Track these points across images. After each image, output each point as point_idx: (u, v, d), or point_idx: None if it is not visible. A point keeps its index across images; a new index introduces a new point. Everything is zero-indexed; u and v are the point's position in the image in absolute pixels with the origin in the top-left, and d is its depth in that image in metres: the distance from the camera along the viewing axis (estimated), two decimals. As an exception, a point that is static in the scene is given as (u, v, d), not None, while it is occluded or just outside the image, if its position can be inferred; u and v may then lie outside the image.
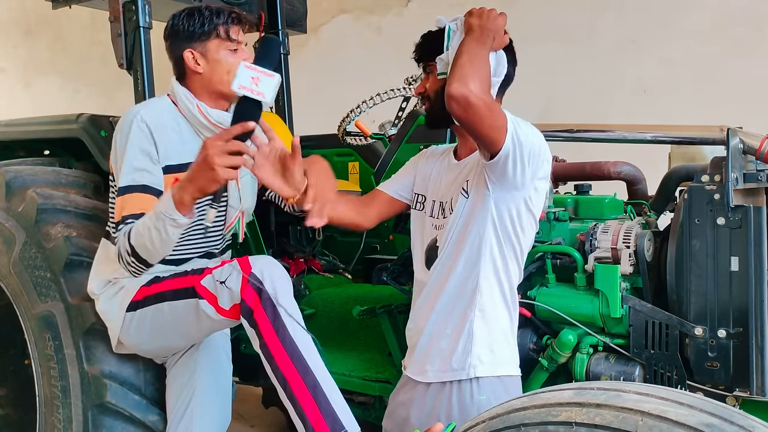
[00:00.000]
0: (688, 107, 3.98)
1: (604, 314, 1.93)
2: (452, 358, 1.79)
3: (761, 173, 1.81)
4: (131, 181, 1.88)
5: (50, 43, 7.99)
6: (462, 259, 1.79)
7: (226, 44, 1.99)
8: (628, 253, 1.92)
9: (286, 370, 1.76)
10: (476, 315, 1.78)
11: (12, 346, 2.69)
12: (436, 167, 1.97)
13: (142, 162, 1.90)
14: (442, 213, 1.89)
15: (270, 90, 1.62)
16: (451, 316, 1.81)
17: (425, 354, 1.84)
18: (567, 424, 1.16)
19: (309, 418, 1.74)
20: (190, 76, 2.01)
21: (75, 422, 2.16)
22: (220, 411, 2.12)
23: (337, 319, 2.49)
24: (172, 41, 2.02)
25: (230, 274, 1.81)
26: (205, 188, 1.65)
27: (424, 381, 1.83)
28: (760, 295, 1.78)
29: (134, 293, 1.99)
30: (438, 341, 1.82)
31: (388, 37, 5.57)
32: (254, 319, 1.78)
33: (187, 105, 1.99)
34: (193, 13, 1.99)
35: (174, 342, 2.06)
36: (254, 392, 3.59)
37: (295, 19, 3.34)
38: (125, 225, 1.83)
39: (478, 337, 1.78)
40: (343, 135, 2.70)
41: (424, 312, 1.85)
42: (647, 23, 4.43)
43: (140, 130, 1.90)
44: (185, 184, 1.67)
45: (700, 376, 1.85)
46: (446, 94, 1.61)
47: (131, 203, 1.86)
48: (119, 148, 1.93)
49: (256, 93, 1.62)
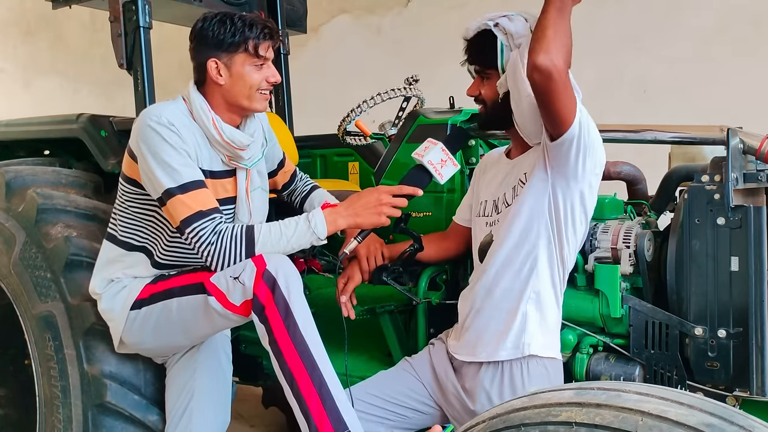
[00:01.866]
0: (688, 107, 3.98)
1: (604, 314, 1.94)
2: (507, 338, 1.85)
3: (761, 173, 1.81)
4: (189, 177, 1.85)
5: (50, 43, 7.99)
6: (520, 242, 1.85)
7: (252, 60, 1.93)
8: (628, 253, 1.92)
9: (294, 366, 1.77)
10: (532, 297, 1.85)
11: (12, 346, 2.69)
12: (493, 171, 2.04)
13: (184, 159, 1.87)
14: (495, 209, 1.96)
15: (448, 174, 1.92)
16: (507, 299, 1.87)
17: (477, 336, 1.90)
18: (567, 424, 1.16)
19: (313, 416, 1.75)
20: (210, 85, 1.96)
21: (75, 422, 2.16)
22: (219, 411, 2.12)
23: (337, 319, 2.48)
24: (198, 45, 1.95)
25: (244, 270, 1.81)
26: (362, 224, 1.90)
27: (476, 361, 1.89)
28: (760, 295, 1.78)
29: (138, 292, 1.99)
30: (494, 323, 1.88)
31: (388, 37, 5.57)
32: (266, 315, 1.79)
33: (202, 116, 1.94)
34: (225, 21, 1.92)
35: (177, 341, 2.05)
36: (254, 392, 3.59)
37: (295, 19, 3.34)
38: (211, 221, 1.83)
39: (532, 319, 1.84)
40: (343, 135, 2.70)
41: (481, 297, 1.91)
42: (647, 22, 4.42)
43: (170, 131, 1.86)
44: (344, 212, 1.89)
45: (700, 376, 1.85)
46: (530, 64, 1.66)
47: (200, 199, 1.85)
48: (150, 151, 1.86)
49: (437, 173, 1.91)
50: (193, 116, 1.95)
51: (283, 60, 3.29)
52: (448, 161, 1.90)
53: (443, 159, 1.90)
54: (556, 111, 1.70)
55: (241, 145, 1.98)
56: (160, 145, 1.85)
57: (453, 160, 1.91)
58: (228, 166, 2.01)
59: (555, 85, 1.65)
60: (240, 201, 2.03)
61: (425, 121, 2.30)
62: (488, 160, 2.12)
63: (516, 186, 1.90)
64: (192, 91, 1.97)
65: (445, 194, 2.24)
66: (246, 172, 2.04)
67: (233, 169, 2.03)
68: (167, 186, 1.84)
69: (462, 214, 2.14)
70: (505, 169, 1.98)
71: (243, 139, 1.98)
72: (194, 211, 1.83)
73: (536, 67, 1.64)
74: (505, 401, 1.35)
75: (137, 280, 2.02)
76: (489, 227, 1.97)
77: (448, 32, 5.40)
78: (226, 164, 2.01)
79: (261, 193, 2.13)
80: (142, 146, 1.88)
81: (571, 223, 1.84)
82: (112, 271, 2.04)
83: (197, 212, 1.84)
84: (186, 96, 1.98)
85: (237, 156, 2.00)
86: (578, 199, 1.83)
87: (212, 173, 1.97)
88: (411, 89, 2.54)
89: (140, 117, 1.92)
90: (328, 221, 1.87)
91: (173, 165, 1.85)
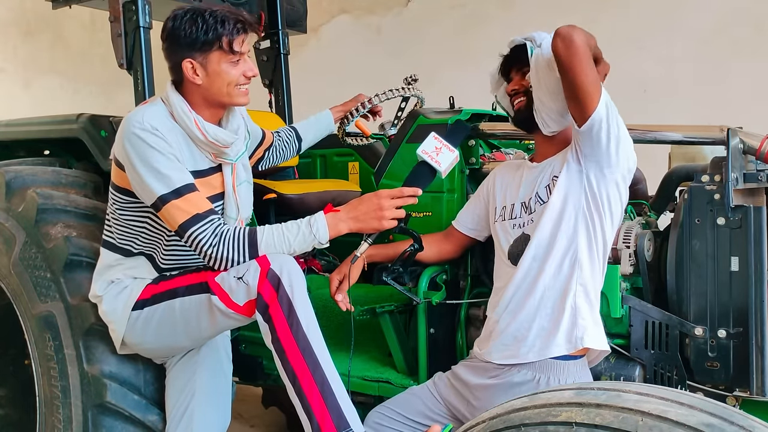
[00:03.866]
0: (688, 107, 3.98)
1: (604, 314, 1.93)
2: (557, 334, 1.83)
3: (761, 173, 1.81)
4: (180, 181, 1.84)
5: (50, 43, 7.99)
6: (560, 237, 1.85)
7: (228, 56, 1.89)
8: (628, 253, 1.92)
9: (296, 365, 1.77)
10: (578, 290, 1.84)
11: (12, 346, 2.69)
12: (515, 177, 2.05)
13: (173, 163, 1.85)
14: (526, 210, 1.96)
15: (446, 162, 1.89)
16: (551, 296, 1.85)
17: (519, 339, 1.87)
18: (567, 424, 1.16)
19: (315, 414, 1.75)
20: (188, 85, 1.93)
21: (75, 422, 2.16)
22: (220, 411, 2.12)
23: (337, 319, 2.48)
24: (171, 45, 1.91)
25: (248, 270, 1.81)
26: (365, 229, 1.90)
27: (521, 362, 1.86)
28: (760, 295, 1.78)
29: (140, 292, 1.98)
30: (537, 323, 1.85)
31: (388, 37, 5.57)
32: (269, 314, 1.79)
33: (183, 118, 1.91)
34: (196, 19, 1.87)
35: (179, 341, 2.04)
36: (254, 392, 3.59)
37: (295, 19, 3.34)
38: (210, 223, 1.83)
39: (583, 311, 1.83)
40: (343, 135, 2.70)
41: (518, 300, 1.89)
42: (648, 23, 4.43)
43: (155, 137, 1.84)
44: (346, 218, 1.88)
45: (700, 376, 1.86)
46: (554, 35, 1.75)
47: (195, 202, 1.85)
48: (138, 158, 1.84)
49: (434, 161, 1.88)
50: (174, 117, 1.92)
51: (283, 60, 3.29)
52: (443, 148, 1.89)
53: (437, 147, 1.89)
54: (579, 85, 1.74)
55: (226, 143, 1.97)
56: (148, 152, 1.83)
57: (448, 146, 1.90)
58: (213, 163, 2.01)
59: (576, 50, 1.72)
60: (228, 196, 2.02)
61: (425, 121, 2.30)
62: (502, 170, 2.12)
63: (550, 184, 1.91)
64: (171, 92, 1.94)
65: (445, 194, 2.24)
66: (231, 166, 2.04)
67: (218, 165, 2.02)
68: (160, 192, 1.83)
69: (464, 222, 2.15)
70: (533, 172, 1.99)
71: (227, 137, 1.97)
72: (191, 215, 1.83)
73: (559, 33, 1.73)
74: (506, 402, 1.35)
75: (138, 280, 2.02)
76: (519, 229, 1.96)
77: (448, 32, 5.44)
78: (212, 161, 2.00)
79: (247, 187, 2.13)
80: (130, 154, 1.85)
81: (608, 213, 1.85)
82: (112, 273, 2.04)
83: (194, 216, 1.83)
84: (165, 97, 1.95)
85: (222, 153, 1.99)
86: (614, 187, 1.84)
87: (198, 173, 1.96)
88: (410, 89, 2.54)
89: (123, 124, 1.88)
90: (330, 226, 1.87)
91: (163, 171, 1.83)
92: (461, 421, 1.93)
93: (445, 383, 2.01)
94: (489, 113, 2.39)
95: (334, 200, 2.69)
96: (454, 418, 1.97)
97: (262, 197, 2.61)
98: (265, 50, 3.32)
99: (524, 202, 1.97)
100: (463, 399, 1.95)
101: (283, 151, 2.53)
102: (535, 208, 1.93)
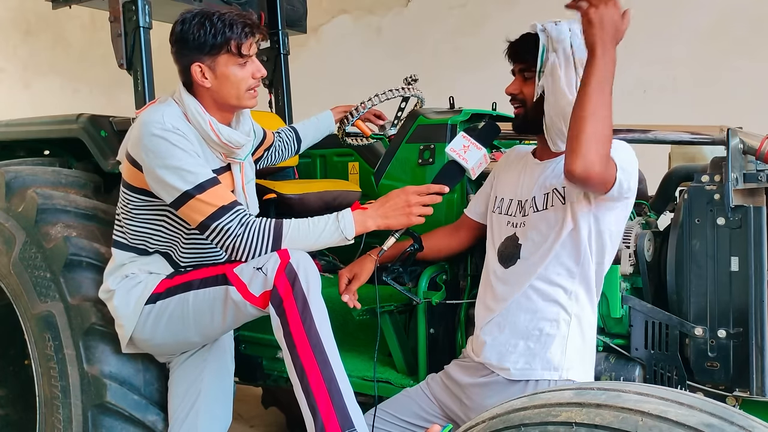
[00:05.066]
0: (688, 107, 3.98)
1: (604, 314, 1.93)
2: (543, 360, 1.80)
3: (761, 173, 1.81)
4: (204, 176, 1.85)
5: (50, 43, 8.00)
6: (554, 259, 1.81)
7: (236, 59, 1.91)
8: (628, 253, 1.92)
9: (306, 361, 1.77)
10: (573, 321, 1.80)
11: (12, 346, 2.69)
12: (516, 169, 2.01)
13: (195, 160, 1.87)
14: (520, 210, 1.92)
15: (474, 159, 1.93)
16: (543, 318, 1.81)
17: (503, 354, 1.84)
18: (567, 424, 1.16)
19: (321, 412, 1.75)
20: (198, 87, 1.95)
21: (75, 422, 2.16)
22: (224, 410, 2.13)
23: (337, 319, 2.48)
24: (180, 49, 1.93)
25: (268, 261, 1.82)
26: (392, 225, 1.91)
27: (506, 377, 1.83)
28: (760, 295, 1.78)
29: (155, 286, 1.98)
30: (526, 340, 1.82)
31: (388, 37, 5.57)
32: (283, 308, 1.80)
33: (198, 119, 1.93)
34: (204, 23, 1.88)
35: (189, 337, 2.02)
36: (254, 392, 3.59)
37: (295, 19, 3.34)
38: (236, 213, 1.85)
39: (572, 341, 1.80)
40: (342, 135, 2.70)
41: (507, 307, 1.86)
42: (647, 23, 4.42)
43: (178, 136, 1.85)
44: (374, 214, 1.89)
45: (700, 376, 1.86)
46: (566, 169, 1.64)
47: (220, 194, 1.86)
48: (159, 158, 1.84)
49: (462, 158, 1.92)
50: (188, 118, 1.94)
51: (283, 60, 3.29)
52: (471, 146, 1.92)
53: (465, 145, 1.92)
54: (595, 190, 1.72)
55: (238, 145, 2.00)
56: (171, 151, 1.84)
57: (476, 144, 1.93)
58: (223, 162, 2.03)
59: (594, 182, 1.66)
60: (237, 194, 2.03)
61: (425, 121, 2.30)
62: (513, 155, 2.08)
63: (550, 194, 1.85)
64: (184, 94, 1.95)
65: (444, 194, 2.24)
66: (240, 165, 2.06)
67: (227, 164, 2.04)
68: (184, 189, 1.84)
69: (475, 207, 2.11)
70: (535, 170, 1.93)
71: (240, 139, 2.00)
72: (217, 207, 1.84)
73: (572, 174, 1.62)
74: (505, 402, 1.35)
75: (153, 275, 2.02)
76: (512, 228, 1.92)
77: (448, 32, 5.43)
78: (222, 160, 2.02)
79: (253, 185, 2.16)
80: (149, 155, 1.86)
81: (609, 240, 1.81)
82: (126, 269, 2.03)
83: (220, 208, 1.84)
84: (178, 99, 1.96)
85: (233, 153, 2.02)
86: (622, 213, 1.82)
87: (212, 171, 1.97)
88: (410, 89, 2.54)
89: (141, 126, 1.88)
90: (357, 222, 1.88)
91: (187, 168, 1.84)
92: (455, 422, 1.93)
93: (438, 383, 2.00)
94: (489, 113, 2.39)
95: (335, 200, 2.70)
96: (448, 418, 1.96)
97: (262, 197, 2.61)
98: (265, 50, 3.32)
99: (520, 201, 1.93)
100: (456, 399, 1.94)
101: (282, 151, 2.54)
102: (529, 213, 1.89)
